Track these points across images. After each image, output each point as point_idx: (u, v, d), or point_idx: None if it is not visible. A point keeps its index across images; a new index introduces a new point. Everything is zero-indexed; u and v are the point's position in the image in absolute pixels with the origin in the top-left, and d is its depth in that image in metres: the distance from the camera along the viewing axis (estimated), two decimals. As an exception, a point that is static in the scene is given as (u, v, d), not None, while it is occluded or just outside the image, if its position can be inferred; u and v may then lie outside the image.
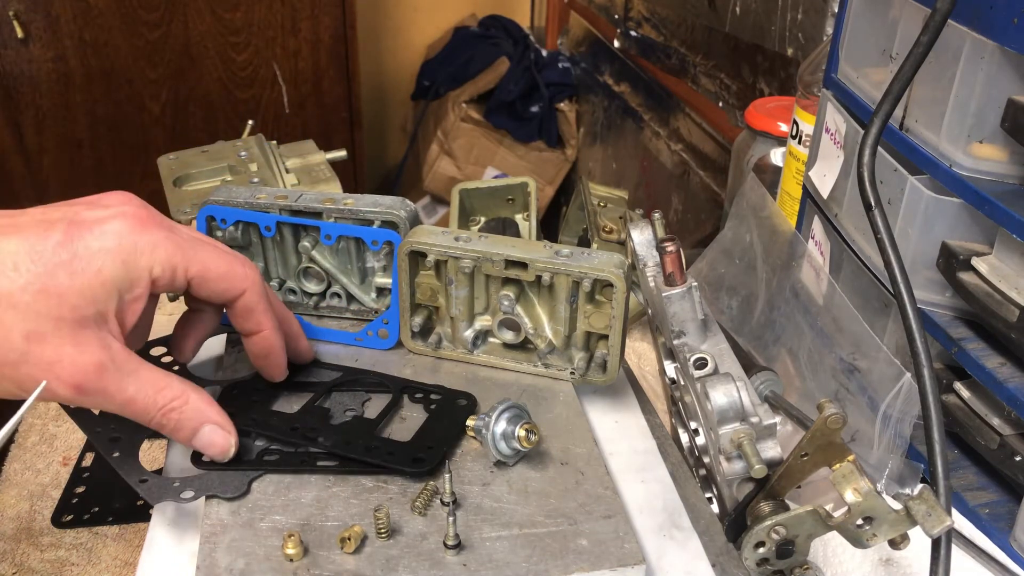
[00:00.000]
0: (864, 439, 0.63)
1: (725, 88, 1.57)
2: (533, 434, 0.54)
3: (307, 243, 0.66)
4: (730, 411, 0.54)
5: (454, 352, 0.65)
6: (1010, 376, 0.58)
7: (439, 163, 2.58)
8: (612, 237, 0.84)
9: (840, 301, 0.68)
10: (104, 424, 0.57)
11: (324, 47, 2.19)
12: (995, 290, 0.58)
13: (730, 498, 0.57)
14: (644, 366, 0.85)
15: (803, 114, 0.88)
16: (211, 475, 0.53)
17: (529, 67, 2.56)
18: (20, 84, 1.95)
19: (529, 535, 0.50)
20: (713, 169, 1.67)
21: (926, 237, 0.62)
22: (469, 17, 2.84)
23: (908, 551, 0.49)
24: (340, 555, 0.49)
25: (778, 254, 0.78)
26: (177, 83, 2.09)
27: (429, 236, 0.61)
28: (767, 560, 0.53)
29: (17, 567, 0.64)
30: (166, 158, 0.92)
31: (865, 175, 0.59)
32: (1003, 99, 0.56)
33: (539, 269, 0.59)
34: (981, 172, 0.59)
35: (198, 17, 2.05)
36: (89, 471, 0.73)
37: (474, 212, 0.82)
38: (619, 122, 2.19)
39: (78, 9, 1.94)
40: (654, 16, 1.88)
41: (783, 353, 0.75)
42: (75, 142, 2.06)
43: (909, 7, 0.63)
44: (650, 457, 0.61)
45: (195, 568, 0.48)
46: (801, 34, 1.30)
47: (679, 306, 0.62)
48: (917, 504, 0.46)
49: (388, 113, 2.93)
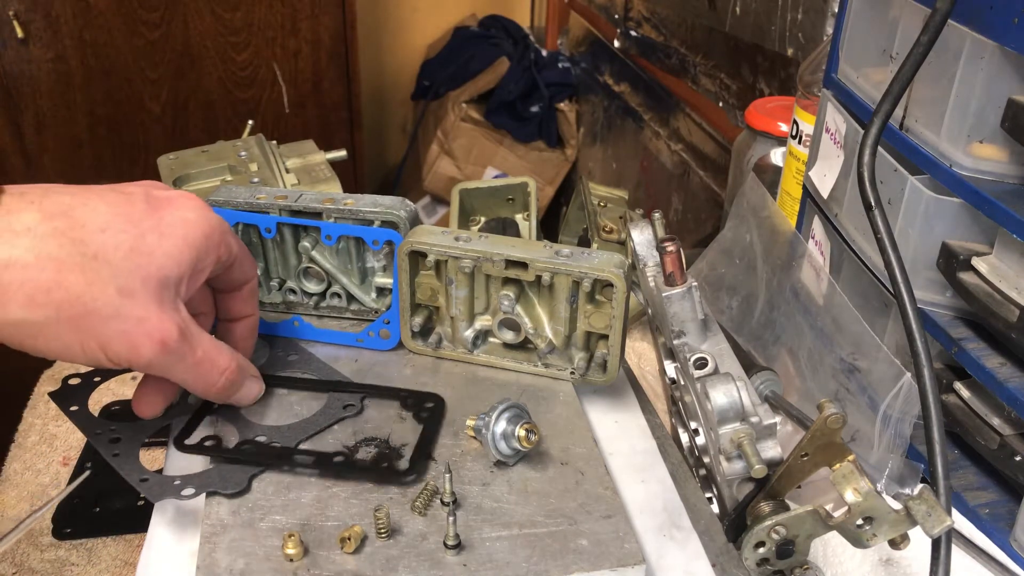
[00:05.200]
0: (864, 439, 0.63)
1: (725, 88, 1.57)
2: (533, 434, 0.54)
3: (307, 243, 0.66)
4: (730, 411, 0.54)
5: (454, 352, 0.65)
6: (1010, 376, 0.58)
7: (439, 163, 2.58)
8: (612, 237, 0.84)
9: (840, 301, 0.68)
10: (104, 426, 0.57)
11: (324, 47, 2.19)
12: (995, 290, 0.58)
13: (730, 498, 0.57)
14: (644, 366, 0.85)
15: (803, 114, 0.88)
16: (212, 472, 0.53)
17: (529, 67, 2.56)
18: (20, 84, 1.95)
19: (529, 535, 0.50)
20: (713, 169, 1.67)
21: (926, 237, 0.62)
22: (469, 17, 2.84)
23: (908, 551, 0.49)
24: (340, 555, 0.49)
25: (778, 254, 0.78)
26: (177, 83, 2.09)
27: (429, 236, 0.61)
28: (767, 560, 0.53)
29: (17, 567, 0.64)
30: (166, 158, 0.92)
31: (865, 175, 0.59)
32: (1003, 99, 0.56)
33: (539, 269, 0.59)
34: (981, 172, 0.59)
35: (198, 17, 2.05)
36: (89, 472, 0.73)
37: (474, 212, 0.82)
38: (619, 122, 2.19)
39: (78, 9, 1.94)
40: (654, 16, 1.88)
41: (783, 353, 0.75)
42: (75, 142, 2.06)
43: (909, 7, 0.63)
44: (650, 457, 0.61)
45: (195, 568, 0.48)
46: (801, 34, 1.30)
47: (679, 306, 0.62)
48: (917, 504, 0.46)
49: (388, 113, 2.93)
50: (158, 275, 0.47)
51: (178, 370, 0.50)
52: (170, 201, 0.50)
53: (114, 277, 0.45)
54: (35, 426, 0.78)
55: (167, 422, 0.59)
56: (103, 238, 0.46)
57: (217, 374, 0.53)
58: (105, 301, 0.45)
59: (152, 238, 0.47)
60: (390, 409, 0.60)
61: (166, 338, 0.47)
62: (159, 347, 0.47)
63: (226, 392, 0.55)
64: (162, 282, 0.47)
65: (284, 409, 0.60)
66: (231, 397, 0.56)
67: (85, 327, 0.45)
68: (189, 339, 0.49)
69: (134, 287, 0.46)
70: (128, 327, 0.46)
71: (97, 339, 0.45)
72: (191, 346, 0.50)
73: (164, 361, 0.48)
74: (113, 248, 0.46)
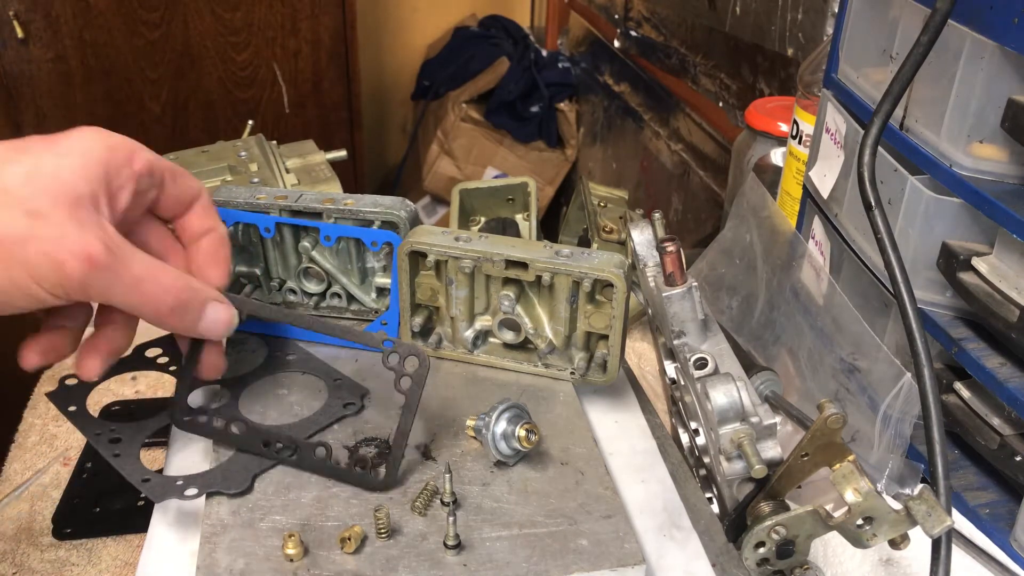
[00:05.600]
0: (864, 439, 0.63)
1: (725, 88, 1.57)
2: (533, 434, 0.54)
3: (307, 243, 0.66)
4: (730, 411, 0.54)
5: (454, 352, 0.65)
6: (1010, 376, 0.58)
7: (439, 163, 2.58)
8: (612, 237, 0.84)
9: (840, 301, 0.68)
10: (103, 426, 0.57)
11: (324, 47, 2.19)
12: (995, 290, 0.58)
13: (730, 498, 0.57)
14: (644, 366, 0.85)
15: (803, 114, 0.88)
16: (214, 472, 0.53)
17: (529, 67, 2.56)
18: (20, 84, 1.95)
19: (529, 535, 0.50)
20: (713, 169, 1.67)
21: (926, 237, 0.62)
22: (469, 17, 2.84)
23: (908, 551, 0.49)
24: (340, 555, 0.49)
25: (778, 254, 0.78)
26: (177, 83, 2.09)
27: (429, 236, 0.61)
28: (767, 560, 0.53)
29: (17, 567, 0.64)
30: (166, 158, 0.92)
31: (865, 175, 0.59)
32: (1003, 99, 0.56)
33: (539, 269, 0.59)
34: (981, 172, 0.59)
35: (198, 17, 2.05)
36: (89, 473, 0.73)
37: (474, 212, 0.82)
38: (619, 122, 2.19)
39: (78, 9, 1.94)
40: (654, 16, 1.88)
41: (783, 353, 0.75)
42: (75, 142, 2.06)
43: (909, 7, 0.63)
44: (650, 457, 0.61)
45: (195, 568, 0.48)
46: (801, 34, 1.30)
47: (679, 306, 0.62)
48: (917, 504, 0.46)
49: (388, 113, 2.93)
50: (67, 193, 0.45)
51: (118, 292, 0.47)
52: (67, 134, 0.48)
53: (18, 202, 0.44)
54: (35, 426, 0.78)
55: (167, 422, 0.59)
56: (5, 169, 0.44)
57: (162, 292, 0.49)
58: (14, 226, 0.43)
59: (49, 160, 0.46)
60: (390, 409, 0.60)
61: (92, 252, 0.45)
62: (86, 263, 0.45)
63: (181, 317, 0.51)
64: (73, 200, 0.45)
65: (284, 409, 0.60)
66: (195, 325, 0.52)
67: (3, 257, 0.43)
68: (120, 256, 0.47)
69: (42, 208, 0.44)
70: (47, 247, 0.44)
71: (21, 266, 0.44)
72: (124, 263, 0.47)
73: (98, 280, 0.46)
74: (11, 177, 0.44)
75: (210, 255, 0.56)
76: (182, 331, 0.53)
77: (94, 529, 0.67)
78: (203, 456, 0.58)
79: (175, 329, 0.53)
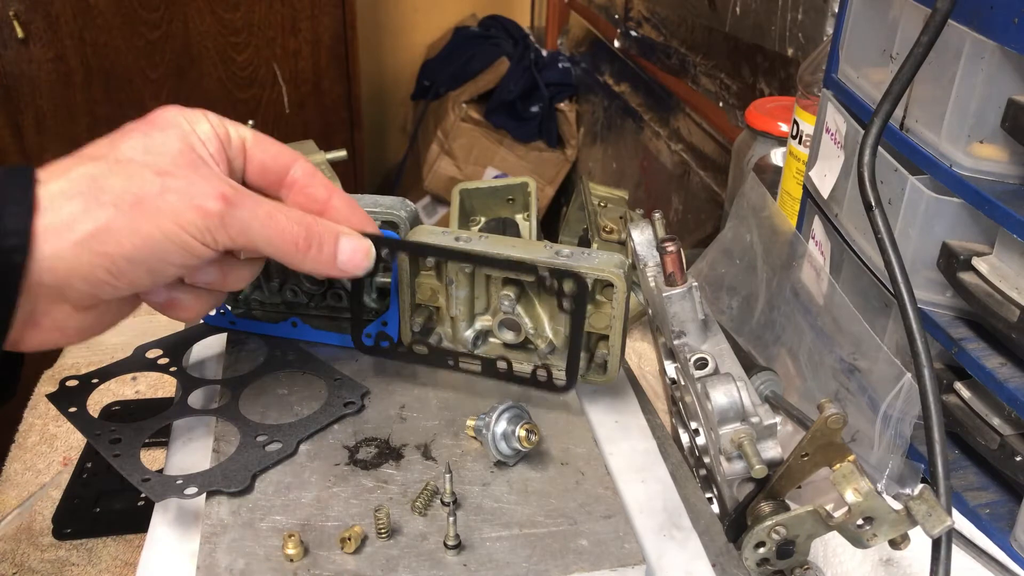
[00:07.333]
0: (864, 439, 0.63)
1: (725, 88, 1.57)
2: (533, 434, 0.54)
3: (307, 243, 0.66)
4: (730, 411, 0.54)
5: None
6: (1010, 376, 0.58)
7: (439, 163, 2.58)
8: (612, 237, 0.84)
9: (840, 301, 0.68)
10: (104, 426, 0.57)
11: (324, 47, 2.19)
12: (995, 290, 0.58)
13: (730, 498, 0.57)
14: (644, 366, 0.85)
15: (803, 114, 0.88)
16: (214, 471, 0.53)
17: (529, 67, 2.56)
18: (20, 84, 1.95)
19: (529, 535, 0.50)
20: (713, 169, 1.67)
21: (926, 237, 0.62)
22: (469, 17, 2.84)
23: (908, 551, 0.49)
24: (340, 555, 0.49)
25: (778, 254, 0.78)
26: (177, 83, 2.09)
27: (429, 236, 0.61)
28: (767, 560, 0.53)
29: (17, 567, 0.64)
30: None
31: (865, 175, 0.59)
32: (1003, 99, 0.56)
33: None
34: (981, 172, 0.59)
35: (198, 17, 2.05)
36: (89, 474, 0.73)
37: (474, 212, 0.82)
38: (619, 122, 2.19)
39: (78, 9, 1.94)
40: (654, 16, 1.88)
41: (783, 353, 0.75)
42: (75, 142, 2.04)
43: (909, 7, 0.63)
44: (650, 457, 0.61)
45: (195, 568, 0.48)
46: (801, 34, 1.30)
47: (679, 306, 0.62)
48: (917, 504, 0.46)
49: (388, 113, 2.93)
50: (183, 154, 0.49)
51: (256, 227, 0.50)
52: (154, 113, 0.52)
53: (144, 167, 0.47)
54: (35, 426, 0.78)
55: (167, 421, 0.59)
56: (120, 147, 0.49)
57: (295, 224, 0.51)
58: (149, 184, 0.47)
59: (156, 134, 0.50)
60: (390, 409, 0.60)
61: (224, 192, 0.48)
62: (222, 201, 0.48)
63: (319, 250, 0.53)
64: (192, 161, 0.49)
65: (284, 409, 0.60)
66: (332, 261, 0.54)
67: (148, 211, 0.46)
68: (247, 195, 0.49)
69: (167, 167, 0.48)
70: (182, 196, 0.47)
71: (167, 216, 0.46)
72: (254, 199, 0.50)
73: (236, 216, 0.48)
74: (131, 149, 0.48)
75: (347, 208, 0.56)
76: (323, 269, 0.54)
77: (94, 529, 0.67)
78: (203, 456, 0.58)
79: (316, 267, 0.54)
